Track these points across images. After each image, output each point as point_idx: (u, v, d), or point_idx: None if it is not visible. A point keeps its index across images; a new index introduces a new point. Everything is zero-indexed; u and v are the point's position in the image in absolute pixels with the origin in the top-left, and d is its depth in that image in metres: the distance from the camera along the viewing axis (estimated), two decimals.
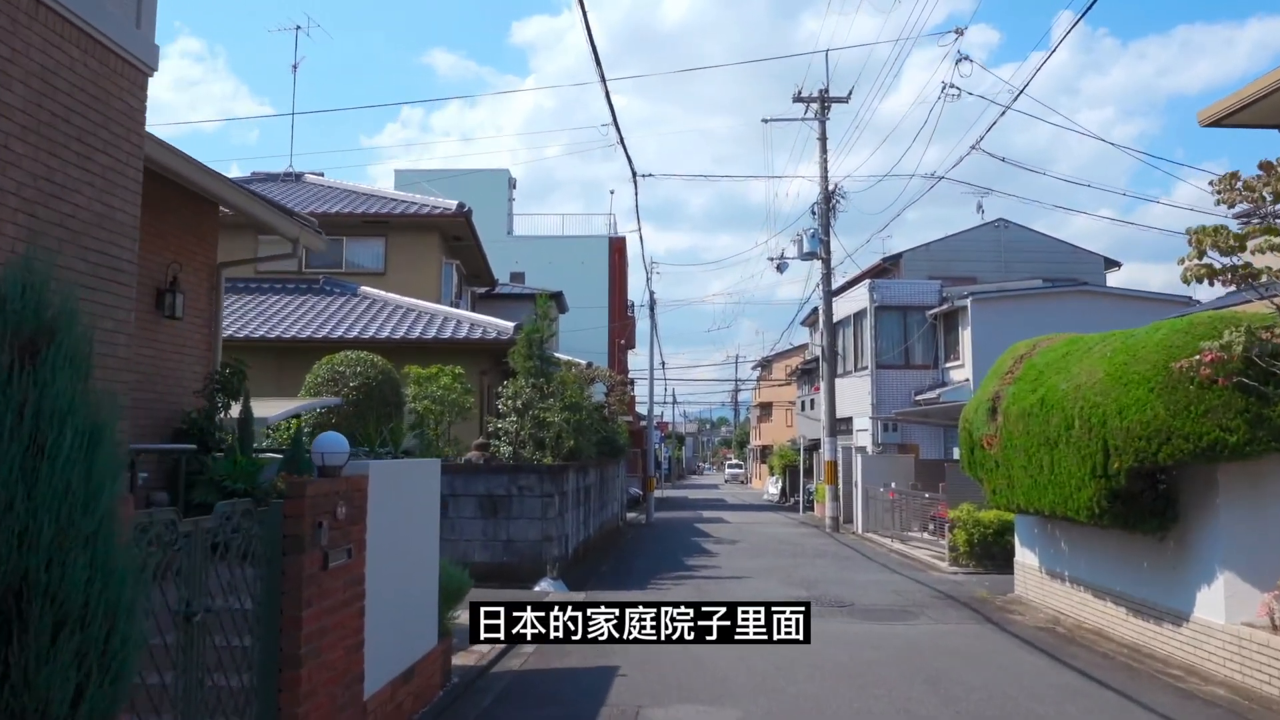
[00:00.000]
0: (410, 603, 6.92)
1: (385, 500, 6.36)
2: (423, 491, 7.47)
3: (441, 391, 14.45)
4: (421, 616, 7.19)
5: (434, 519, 7.76)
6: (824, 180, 26.63)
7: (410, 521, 7.00)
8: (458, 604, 8.11)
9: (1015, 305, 27.54)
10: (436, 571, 7.65)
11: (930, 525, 20.57)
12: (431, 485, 7.76)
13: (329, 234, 22.11)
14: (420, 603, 7.17)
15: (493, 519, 14.01)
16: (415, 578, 7.05)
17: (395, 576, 6.56)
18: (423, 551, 7.32)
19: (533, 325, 15.91)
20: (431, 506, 7.71)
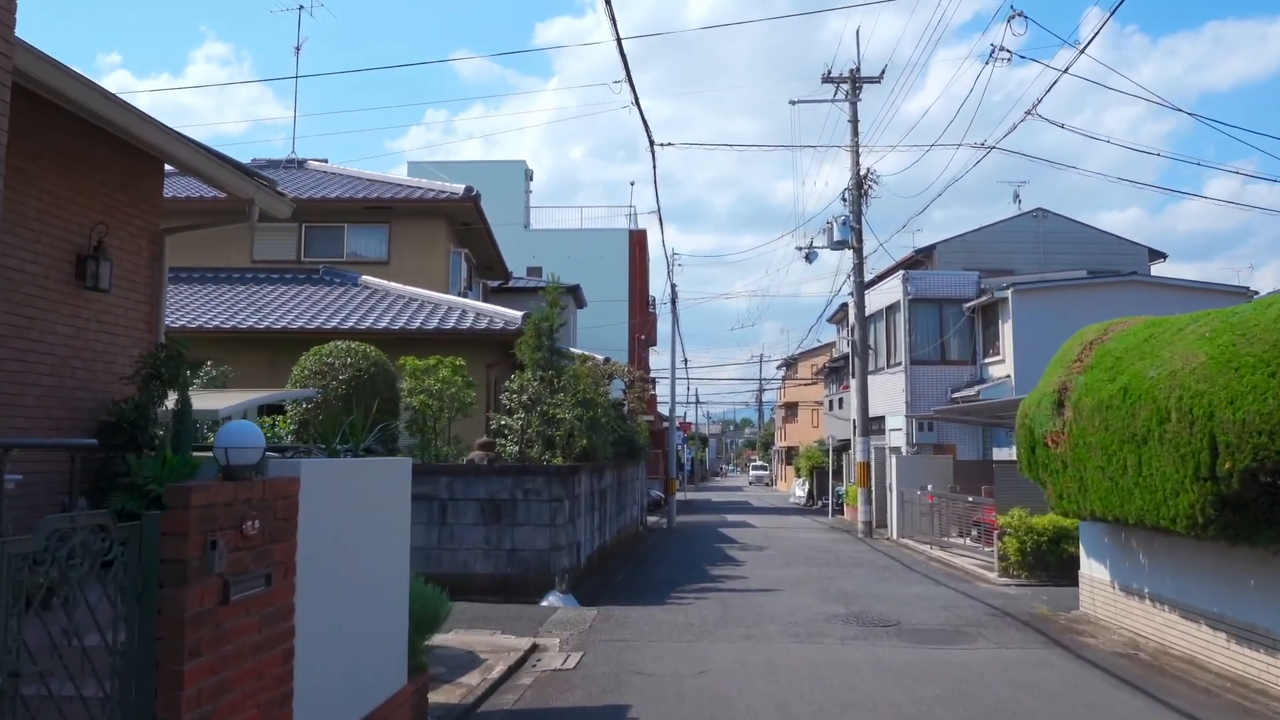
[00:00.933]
0: (368, 636, 5.58)
1: (328, 509, 5.02)
2: (388, 497, 6.12)
3: (440, 385, 13.13)
4: (384, 651, 5.84)
5: (403, 531, 6.41)
6: (855, 164, 25.15)
7: (368, 535, 5.65)
8: (435, 631, 6.77)
9: (1059, 297, 25.94)
10: (406, 594, 6.30)
11: (973, 531, 19.06)
12: (400, 490, 6.41)
13: (329, 221, 20.98)
14: (382, 634, 5.82)
15: (496, 526, 12.68)
16: (375, 604, 5.70)
17: (345, 604, 5.21)
18: (387, 571, 5.98)
19: (541, 314, 14.56)
20: (400, 515, 6.37)
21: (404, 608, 6.22)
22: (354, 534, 5.40)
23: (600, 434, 15.49)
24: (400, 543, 6.28)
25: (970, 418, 22.68)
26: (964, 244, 33.83)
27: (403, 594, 6.22)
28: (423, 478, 12.75)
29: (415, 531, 12.87)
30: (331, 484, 5.16)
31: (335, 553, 5.10)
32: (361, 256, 20.60)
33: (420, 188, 20.78)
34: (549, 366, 14.12)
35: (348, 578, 5.27)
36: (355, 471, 5.72)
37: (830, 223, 25.15)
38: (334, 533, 5.10)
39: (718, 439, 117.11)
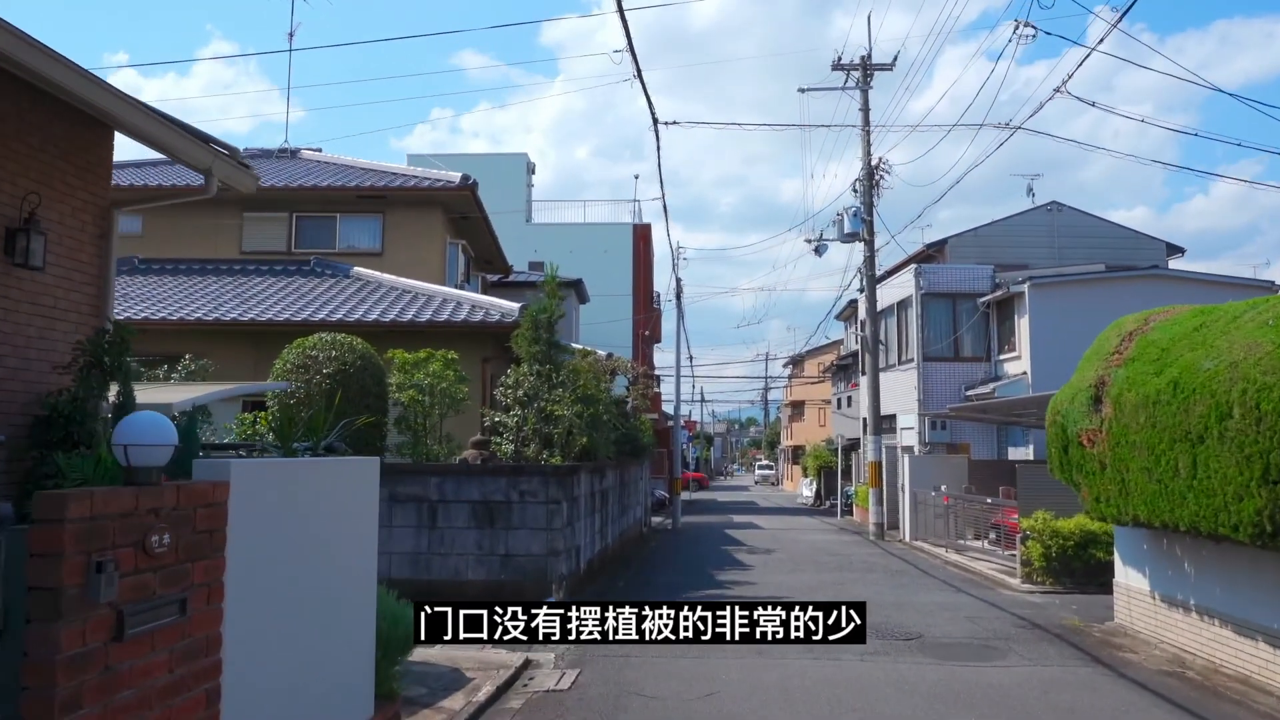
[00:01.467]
0: (323, 663, 4.80)
1: (272, 518, 4.25)
2: (351, 502, 5.34)
3: (430, 379, 12.35)
4: (344, 680, 5.06)
5: (369, 540, 5.62)
6: (866, 153, 24.32)
7: (324, 546, 4.87)
8: (406, 653, 5.99)
9: (1077, 291, 25.11)
10: (372, 612, 5.52)
11: (991, 534, 18.25)
12: (366, 493, 5.62)
13: (321, 211, 20.21)
14: (343, 660, 5.04)
15: (489, 529, 11.90)
16: (332, 626, 4.92)
17: (293, 629, 4.44)
18: (349, 586, 5.20)
19: (539, 305, 13.77)
20: (365, 522, 5.58)
21: (369, 628, 5.44)
22: (306, 546, 4.62)
23: (601, 432, 14.72)
24: (365, 554, 5.50)
25: (987, 416, 21.86)
26: (976, 238, 32.96)
27: (368, 612, 5.44)
28: (412, 478, 12.01)
29: (403, 535, 12.14)
30: (275, 488, 4.37)
31: (281, 569, 4.32)
32: (355, 248, 19.84)
33: (415, 176, 20.01)
34: (547, 360, 13.34)
35: (297, 597, 4.48)
36: (307, 473, 4.93)
37: (841, 214, 24.34)
38: (279, 545, 4.32)
39: (723, 438, 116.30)
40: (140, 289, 17.42)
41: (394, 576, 11.88)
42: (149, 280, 18.17)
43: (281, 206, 19.67)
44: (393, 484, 11.97)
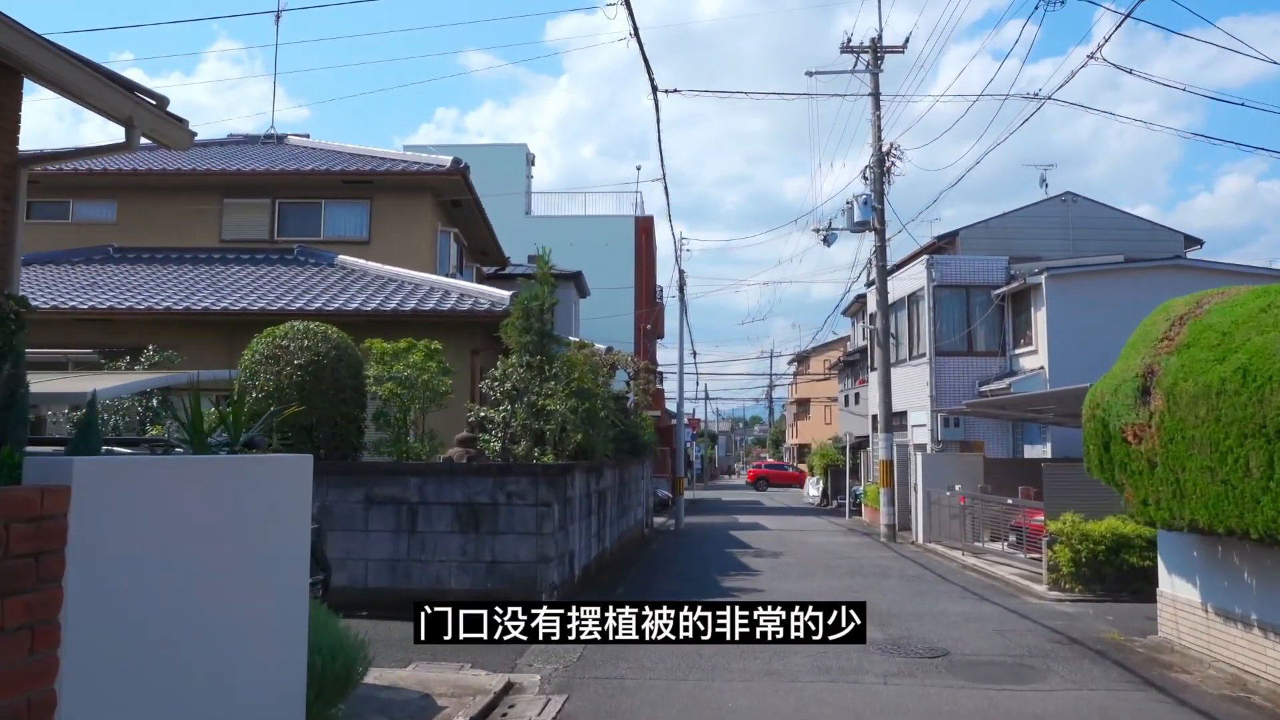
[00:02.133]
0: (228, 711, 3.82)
1: (140, 534, 3.26)
2: (268, 512, 4.35)
3: (410, 371, 11.38)
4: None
5: (295, 556, 4.64)
6: (877, 138, 23.31)
7: (226, 568, 3.88)
8: (345, 694, 5.02)
9: (1097, 283, 24.11)
10: (302, 645, 4.53)
11: (1011, 536, 17.25)
12: (293, 500, 4.64)
13: (305, 198, 19.24)
14: (254, 709, 4.06)
15: (474, 534, 10.93)
16: (239, 670, 3.94)
17: (175, 682, 3.45)
18: (268, 615, 4.22)
19: (531, 293, 12.81)
20: (291, 535, 4.59)
21: (298, 665, 4.45)
22: (200, 567, 3.64)
23: (598, 428, 13.75)
24: (291, 572, 4.51)
25: (1006, 412, 20.85)
26: (988, 230, 31.95)
27: (294, 647, 4.45)
28: (389, 478, 11.05)
29: (381, 540, 11.16)
30: (151, 494, 3.39)
31: (157, 600, 3.34)
32: (340, 236, 18.88)
33: (403, 161, 19.04)
34: (539, 351, 12.36)
35: (183, 636, 3.51)
36: (203, 475, 3.93)
37: (851, 202, 23.34)
38: (155, 569, 3.34)
39: (727, 436, 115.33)
40: (111, 278, 16.47)
41: (370, 585, 10.94)
42: (121, 269, 17.22)
43: (263, 192, 18.72)
44: (369, 485, 11.03)
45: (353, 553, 10.98)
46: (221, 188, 18.70)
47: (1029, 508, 16.25)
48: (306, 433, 11.42)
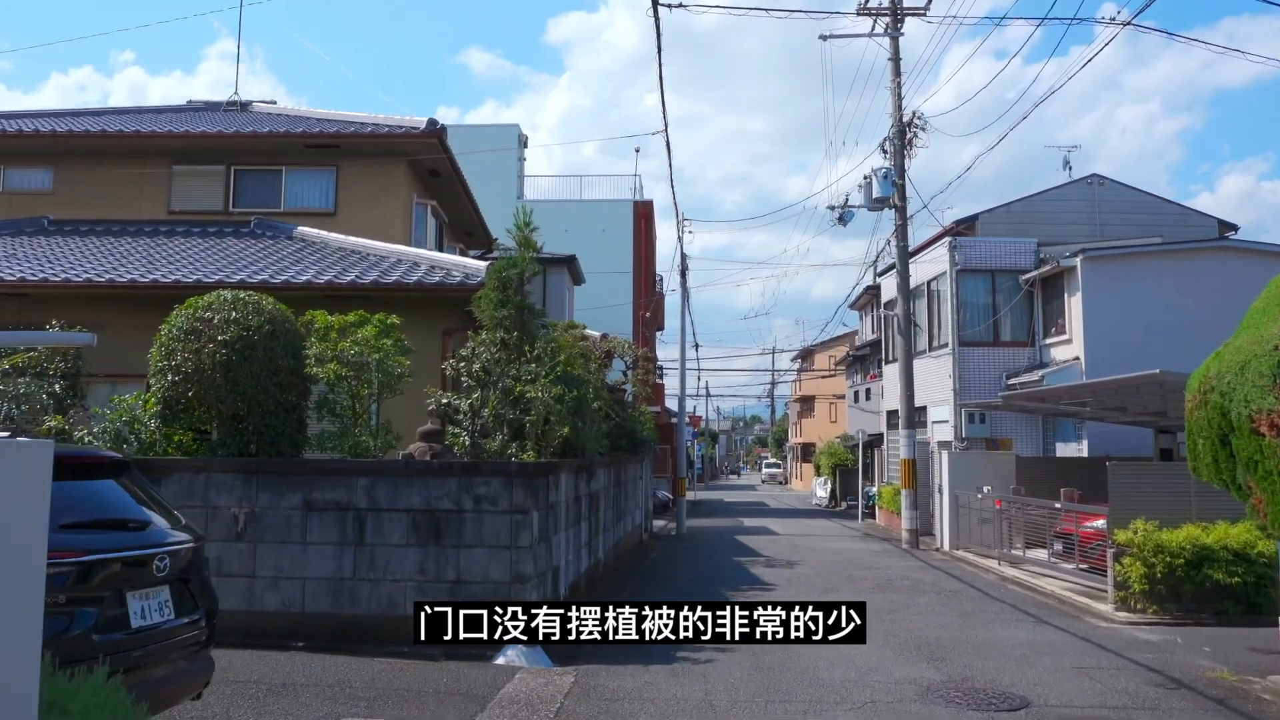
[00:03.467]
0: None
1: None
2: None
3: (358, 349, 9.38)
4: None
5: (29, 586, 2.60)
6: (897, 107, 21.33)
7: None
8: None
9: (1136, 266, 22.20)
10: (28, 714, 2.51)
11: (1056, 544, 15.28)
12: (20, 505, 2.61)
13: (263, 164, 17.20)
14: None
15: (435, 547, 8.94)
16: None
17: None
18: None
19: (508, 260, 10.86)
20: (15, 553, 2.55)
21: None
22: None
23: (589, 421, 11.79)
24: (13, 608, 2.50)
25: (1045, 406, 18.84)
26: (1010, 214, 29.92)
27: None
28: (332, 480, 9.07)
29: (321, 556, 9.14)
30: None
31: None
32: (303, 207, 16.87)
33: (373, 122, 17.04)
34: (517, 328, 10.38)
35: None
36: None
37: (869, 176, 21.35)
38: None
39: (728, 435, 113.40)
40: (39, 251, 14.48)
41: (309, 610, 8.96)
42: (53, 242, 15.23)
43: (217, 158, 16.73)
44: (308, 487, 9.04)
45: (287, 570, 9.00)
46: (170, 153, 16.70)
47: (1081, 512, 14.27)
48: (234, 424, 9.46)
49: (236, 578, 9.06)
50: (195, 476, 9.14)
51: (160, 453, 9.55)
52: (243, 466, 9.16)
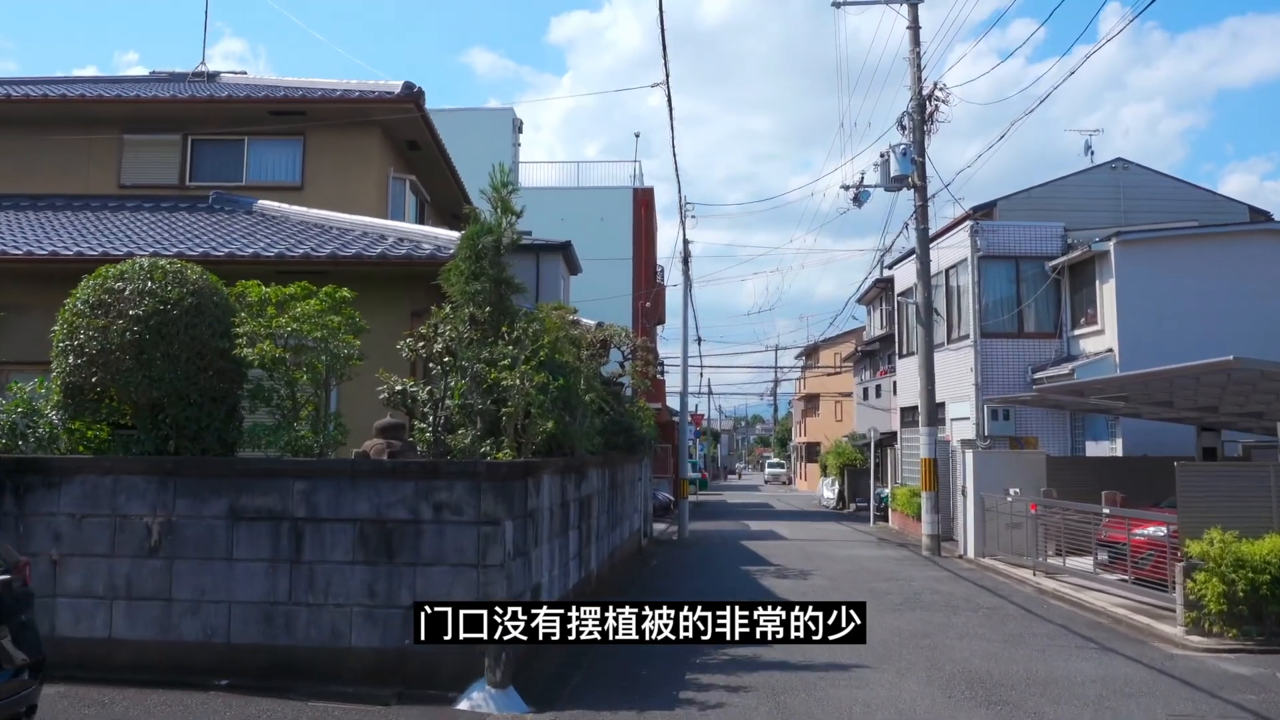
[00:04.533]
0: None
1: None
2: None
3: (297, 325, 7.82)
4: None
5: None
6: (916, 80, 19.78)
7: None
8: None
9: (1175, 251, 20.65)
10: None
11: (1101, 554, 13.71)
12: None
13: (224, 133, 15.61)
14: None
15: (387, 565, 7.38)
16: None
17: None
18: None
19: (481, 226, 9.29)
20: None
21: None
22: None
23: (579, 415, 10.24)
24: None
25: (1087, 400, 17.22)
26: (1029, 200, 28.30)
27: None
28: (264, 483, 7.53)
29: (250, 575, 7.46)
30: None
31: None
32: (267, 181, 15.33)
33: (343, 87, 15.46)
34: (490, 303, 8.83)
35: None
36: None
37: (886, 153, 19.80)
38: None
39: (729, 435, 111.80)
40: None
41: (235, 641, 7.43)
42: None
43: (172, 126, 15.19)
44: (235, 492, 7.50)
45: (210, 592, 7.45)
46: (120, 121, 15.15)
47: (1134, 519, 12.71)
48: (150, 416, 7.91)
49: (149, 601, 7.53)
50: (101, 479, 7.60)
51: (63, 450, 8.01)
52: (156, 467, 7.62)
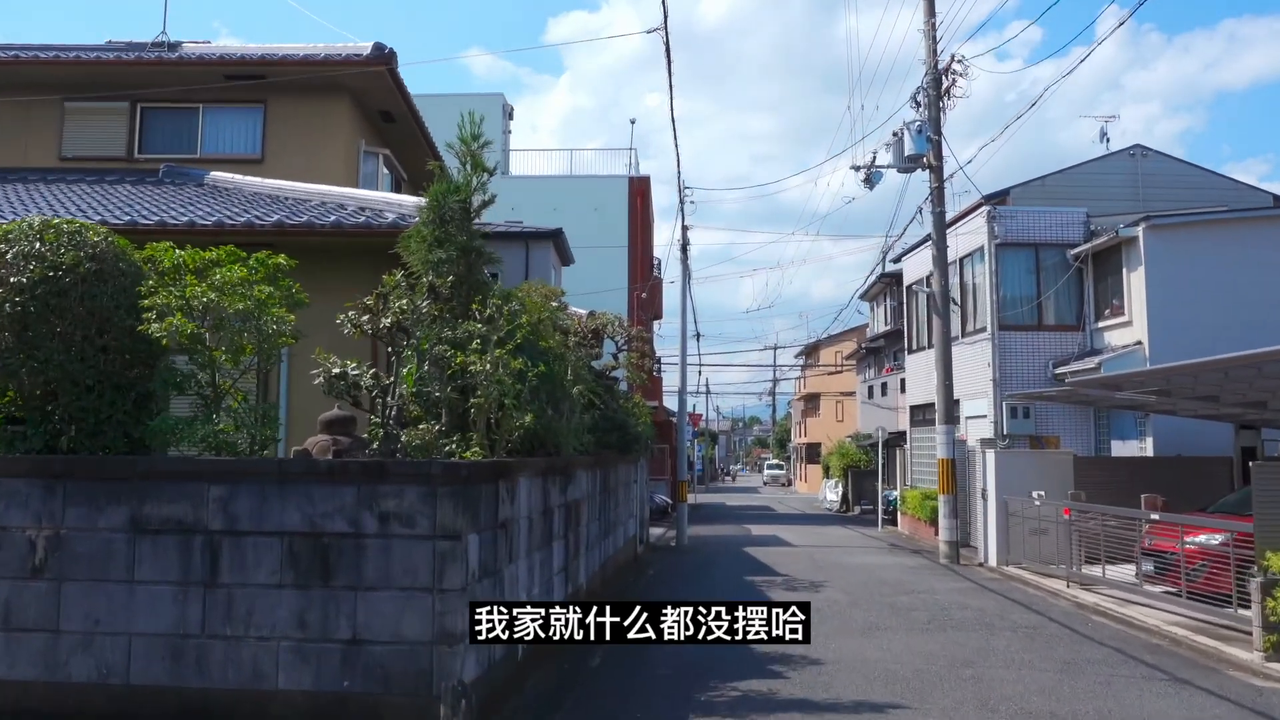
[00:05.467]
0: None
1: None
2: None
3: (215, 297, 6.41)
4: None
5: None
6: (932, 53, 18.42)
7: None
8: None
9: (1208, 236, 19.36)
10: None
11: (1147, 564, 12.37)
12: None
13: (176, 102, 14.16)
14: None
15: (322, 589, 5.99)
16: None
17: None
18: None
19: (446, 186, 7.92)
20: None
21: None
22: None
23: (564, 409, 8.89)
24: None
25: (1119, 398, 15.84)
26: (1044, 189, 26.95)
27: None
28: (171, 488, 6.14)
29: (156, 600, 5.66)
30: None
31: None
32: (224, 153, 13.93)
33: (307, 49, 14.04)
34: (456, 271, 7.44)
35: None
36: None
37: (900, 131, 18.42)
38: None
39: (727, 436, 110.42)
40: None
41: (134, 683, 6.04)
42: None
43: (119, 93, 13.76)
44: (138, 499, 6.12)
45: (106, 622, 6.06)
46: (61, 86, 13.74)
47: (1188, 525, 11.35)
48: (41, 406, 6.52)
49: (32, 633, 6.13)
50: None
51: None
52: (42, 468, 6.22)
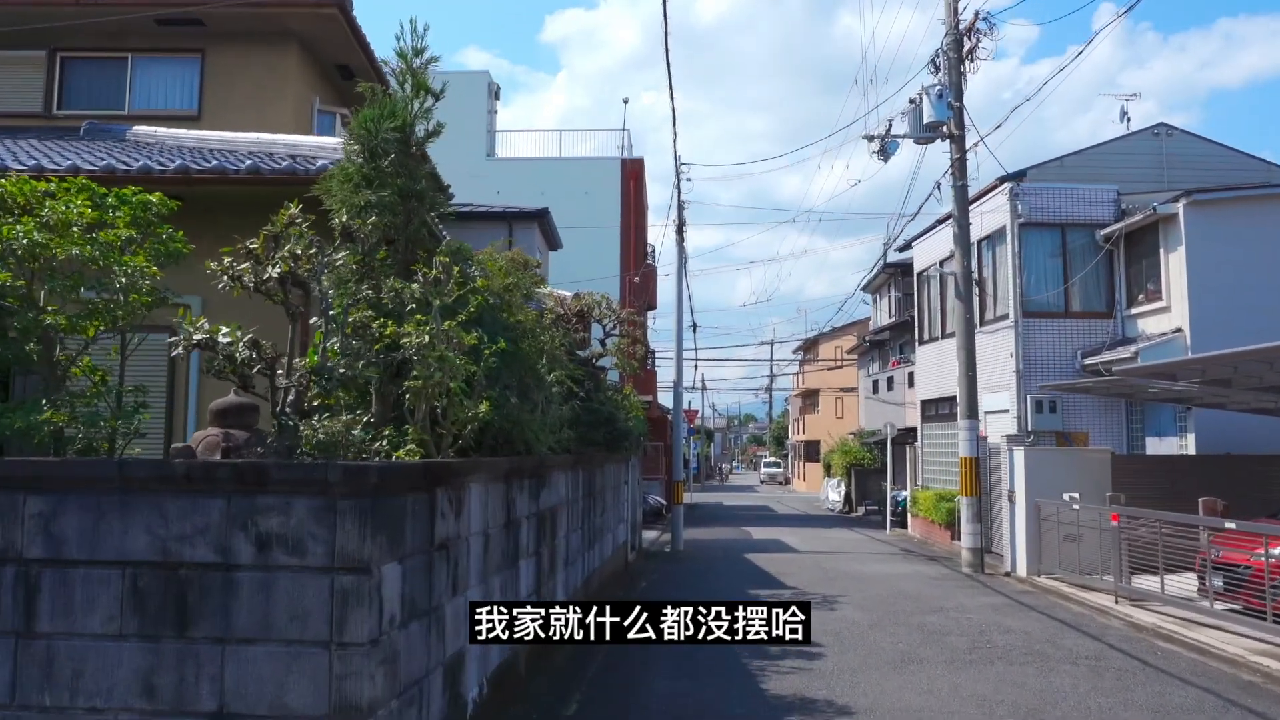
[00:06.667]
0: None
1: None
2: None
3: (45, 240, 4.70)
4: None
5: None
6: (953, 12, 16.75)
7: None
8: None
9: (1249, 214, 17.67)
10: None
11: (1215, 580, 10.72)
12: None
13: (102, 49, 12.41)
14: None
15: (176, 642, 4.29)
16: None
17: None
18: None
19: (378, 109, 6.23)
20: None
21: None
22: None
23: (534, 398, 7.21)
24: None
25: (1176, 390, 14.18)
26: (1062, 169, 25.34)
27: None
28: None
29: None
30: None
31: None
32: (156, 109, 12.21)
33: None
34: (392, 214, 5.75)
35: None
36: None
37: (918, 97, 16.75)
38: None
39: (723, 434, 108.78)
40: None
41: None
42: None
43: (33, 40, 12.04)
44: None
45: None
46: None
47: (1274, 535, 9.69)
48: None
49: None
50: None
51: None
52: None
